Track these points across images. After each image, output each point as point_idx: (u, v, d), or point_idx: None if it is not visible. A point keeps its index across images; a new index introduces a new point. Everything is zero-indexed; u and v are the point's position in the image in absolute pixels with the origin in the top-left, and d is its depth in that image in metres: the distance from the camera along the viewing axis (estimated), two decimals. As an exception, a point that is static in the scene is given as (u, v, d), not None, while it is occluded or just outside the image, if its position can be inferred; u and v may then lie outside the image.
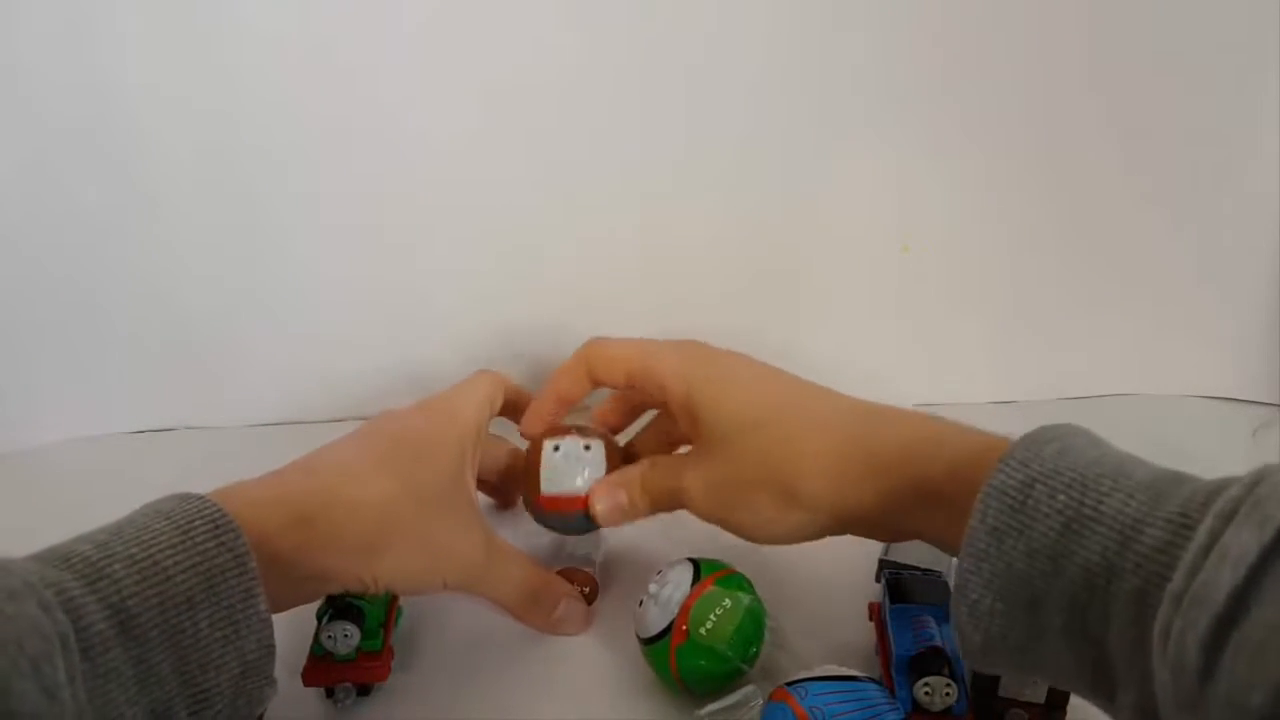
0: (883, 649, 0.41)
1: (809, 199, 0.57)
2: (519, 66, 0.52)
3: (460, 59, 0.52)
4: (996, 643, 0.31)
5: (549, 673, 0.44)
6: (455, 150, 0.54)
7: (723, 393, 0.41)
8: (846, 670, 0.38)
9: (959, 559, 0.31)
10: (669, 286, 0.59)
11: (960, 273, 0.59)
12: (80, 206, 0.54)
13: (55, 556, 0.30)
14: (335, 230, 0.57)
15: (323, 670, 0.41)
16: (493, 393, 0.46)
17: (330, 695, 0.41)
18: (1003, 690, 0.38)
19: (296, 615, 0.38)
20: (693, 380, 0.41)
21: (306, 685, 0.40)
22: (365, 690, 0.42)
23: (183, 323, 0.59)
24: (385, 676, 0.42)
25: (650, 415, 0.49)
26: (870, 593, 0.45)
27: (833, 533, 0.39)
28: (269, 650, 0.33)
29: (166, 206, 0.55)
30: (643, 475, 0.43)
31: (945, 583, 0.42)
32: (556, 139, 0.54)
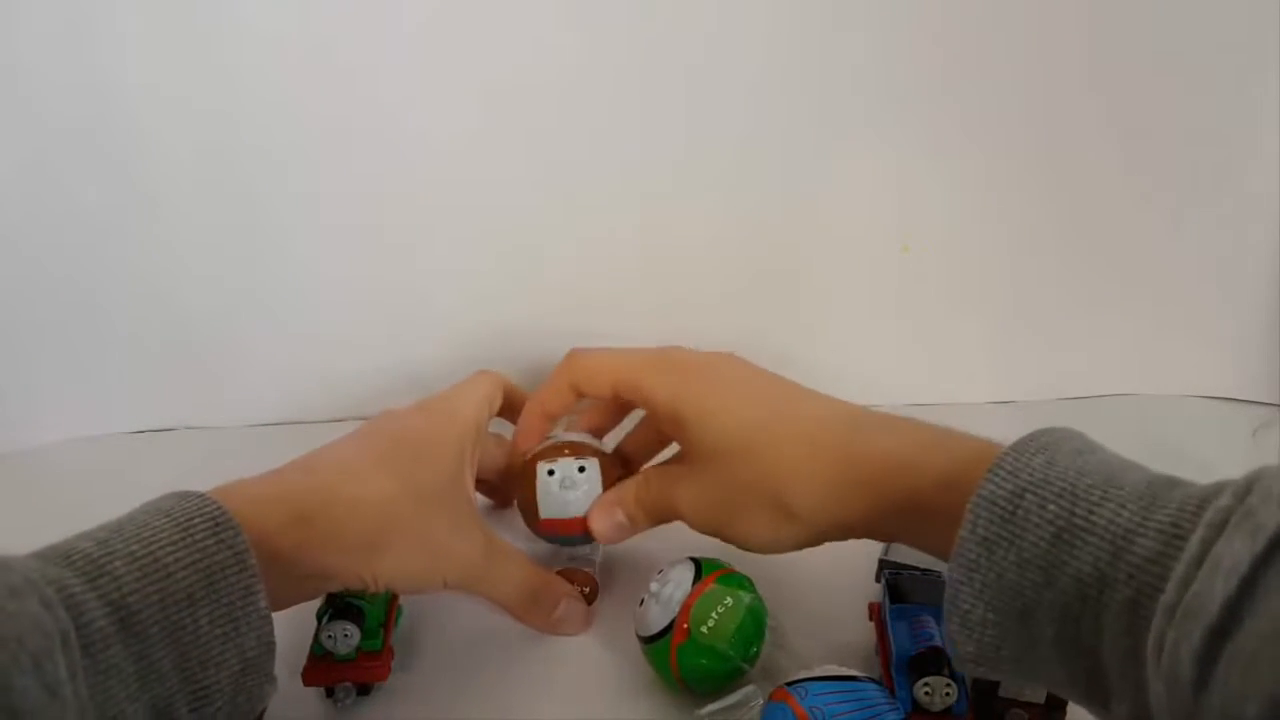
0: (883, 649, 0.41)
1: (809, 199, 0.57)
2: (519, 66, 0.52)
3: (460, 59, 0.52)
4: (989, 653, 0.31)
5: (549, 673, 0.44)
6: (455, 150, 0.55)
7: (709, 410, 0.40)
8: (846, 670, 0.38)
9: (949, 569, 0.31)
10: (669, 287, 0.59)
11: (960, 273, 0.59)
12: (80, 206, 0.54)
13: (56, 554, 0.30)
14: (335, 230, 0.57)
15: (323, 670, 0.41)
16: (492, 393, 0.47)
17: (330, 695, 0.41)
18: (1003, 690, 0.38)
19: (297, 615, 0.38)
20: (678, 397, 0.41)
21: (306, 685, 0.40)
22: (365, 690, 0.42)
23: (183, 323, 0.59)
24: (385, 676, 0.42)
25: (639, 413, 0.49)
26: (870, 593, 0.45)
27: (829, 540, 0.39)
28: (269, 647, 0.33)
29: (166, 206, 0.55)
30: (637, 493, 0.44)
31: (945, 583, 0.42)
32: (556, 139, 0.54)
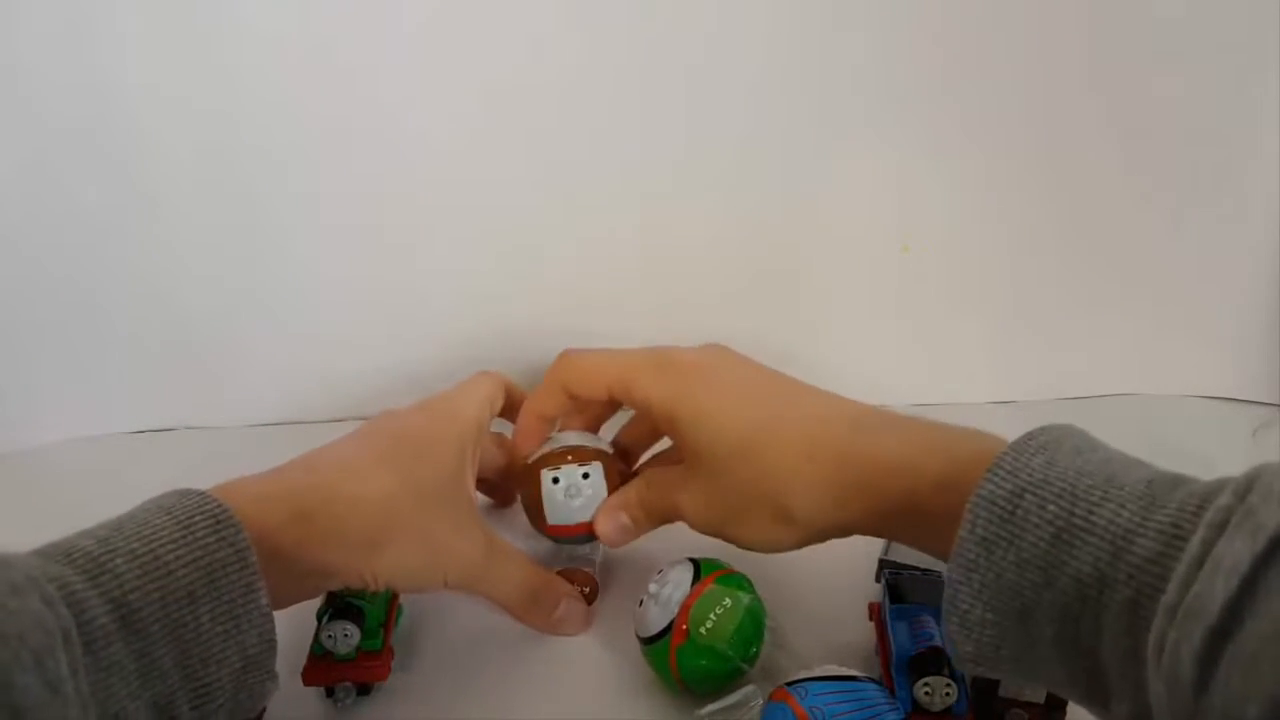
0: (883, 649, 0.41)
1: (809, 199, 0.57)
2: (519, 66, 0.52)
3: (460, 59, 0.52)
4: (988, 652, 0.31)
5: (549, 673, 0.44)
6: (455, 150, 0.55)
7: (705, 412, 0.40)
8: (846, 670, 0.38)
9: (948, 569, 0.31)
10: (669, 287, 0.59)
11: (960, 273, 0.59)
12: (80, 206, 0.54)
13: (57, 551, 0.30)
14: (335, 230, 0.57)
15: (323, 670, 0.41)
16: (494, 393, 0.47)
17: (330, 695, 0.41)
18: (1003, 690, 0.38)
19: (297, 615, 0.38)
20: (673, 399, 0.41)
21: (306, 684, 0.40)
22: (365, 690, 0.42)
23: (183, 323, 0.59)
24: (385, 676, 0.42)
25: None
26: (870, 593, 0.45)
27: (829, 539, 0.39)
28: (270, 644, 0.33)
29: (166, 206, 0.55)
30: (640, 496, 0.44)
31: (945, 582, 0.42)
32: (556, 139, 0.54)
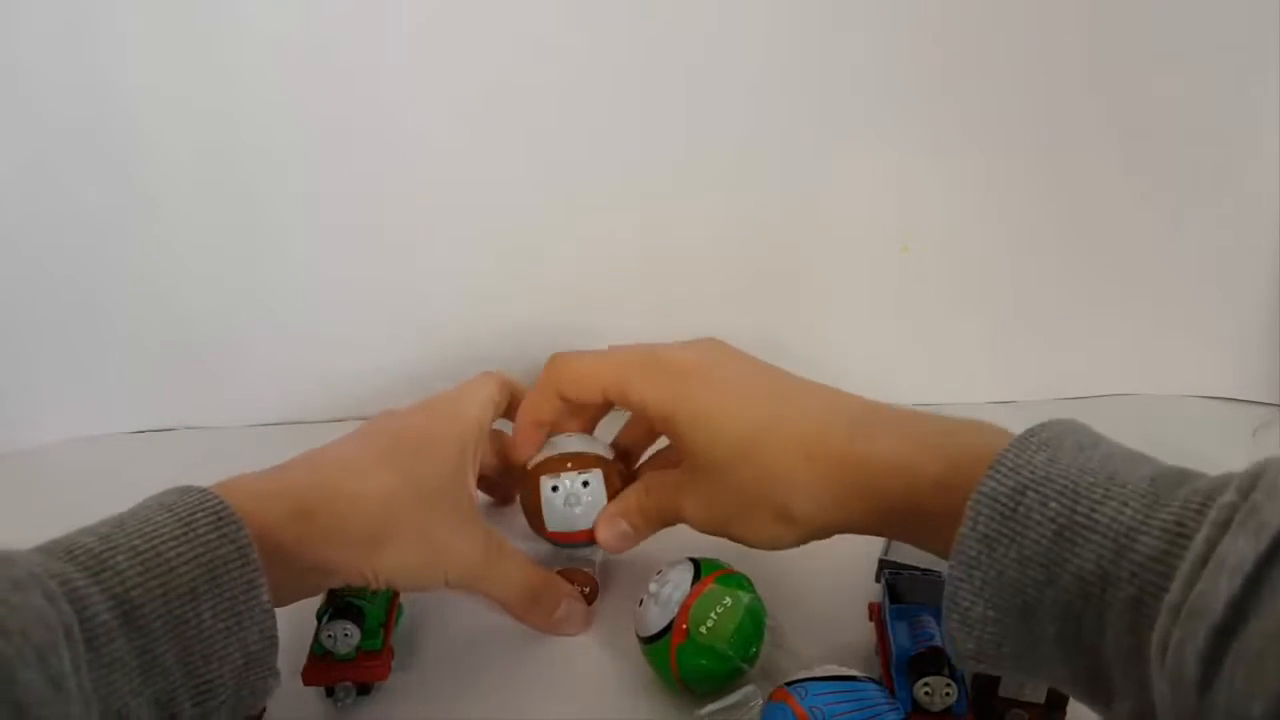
0: (883, 649, 0.41)
1: (809, 199, 0.57)
2: (519, 66, 0.52)
3: (460, 59, 0.52)
4: (989, 650, 0.31)
5: (549, 673, 0.44)
6: (455, 150, 0.55)
7: (703, 414, 0.40)
8: (846, 670, 0.38)
9: (949, 566, 0.31)
10: (669, 286, 0.59)
11: (960, 273, 0.59)
12: (80, 206, 0.54)
13: (59, 548, 0.30)
14: (335, 230, 0.57)
15: (323, 669, 0.41)
16: (496, 393, 0.47)
17: (330, 695, 0.41)
18: (1003, 690, 0.38)
19: (297, 615, 0.38)
20: (669, 402, 0.41)
21: (306, 684, 0.40)
22: (365, 690, 0.42)
23: (183, 323, 0.59)
24: (385, 676, 0.42)
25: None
26: (870, 593, 0.45)
27: (832, 535, 0.39)
28: (272, 641, 0.34)
29: (166, 206, 0.55)
30: (639, 504, 0.44)
31: (945, 581, 0.42)
32: (556, 139, 0.54)
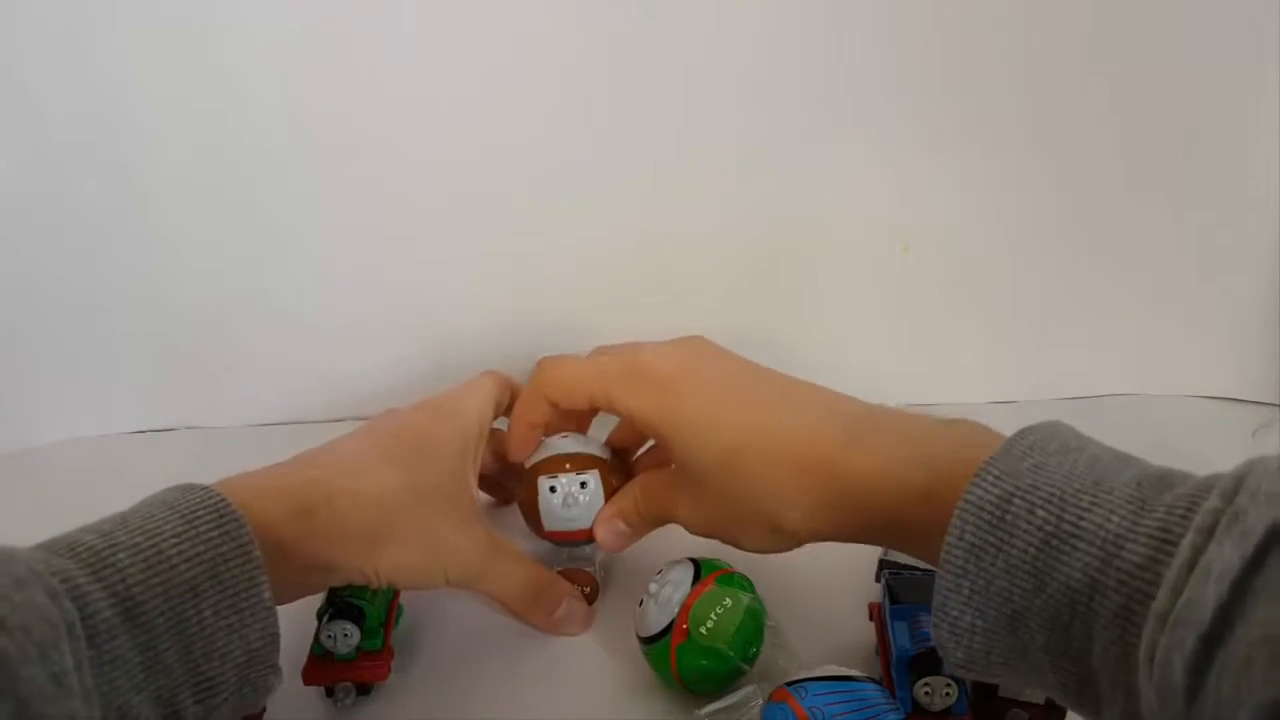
0: (883, 649, 0.41)
1: (809, 199, 0.57)
2: (519, 66, 0.52)
3: (460, 59, 0.52)
4: (979, 658, 0.31)
5: (549, 673, 0.44)
6: (455, 150, 0.54)
7: (688, 426, 0.40)
8: (846, 670, 0.38)
9: (937, 575, 0.31)
10: (668, 286, 0.59)
11: (960, 273, 0.59)
12: (80, 206, 0.54)
13: (61, 546, 0.30)
14: (335, 230, 0.57)
15: (323, 670, 0.41)
16: (497, 392, 0.47)
17: (330, 695, 0.41)
18: (1003, 690, 0.38)
19: (297, 615, 0.38)
20: (656, 412, 0.40)
21: (306, 684, 0.41)
22: (365, 690, 0.42)
23: (183, 323, 0.59)
24: (385, 676, 0.42)
25: None
26: (870, 593, 0.45)
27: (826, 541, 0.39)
28: (273, 638, 0.34)
29: (166, 206, 0.55)
30: (636, 505, 0.44)
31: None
32: (556, 139, 0.54)
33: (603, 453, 0.47)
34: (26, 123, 0.52)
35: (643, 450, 0.49)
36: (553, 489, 0.45)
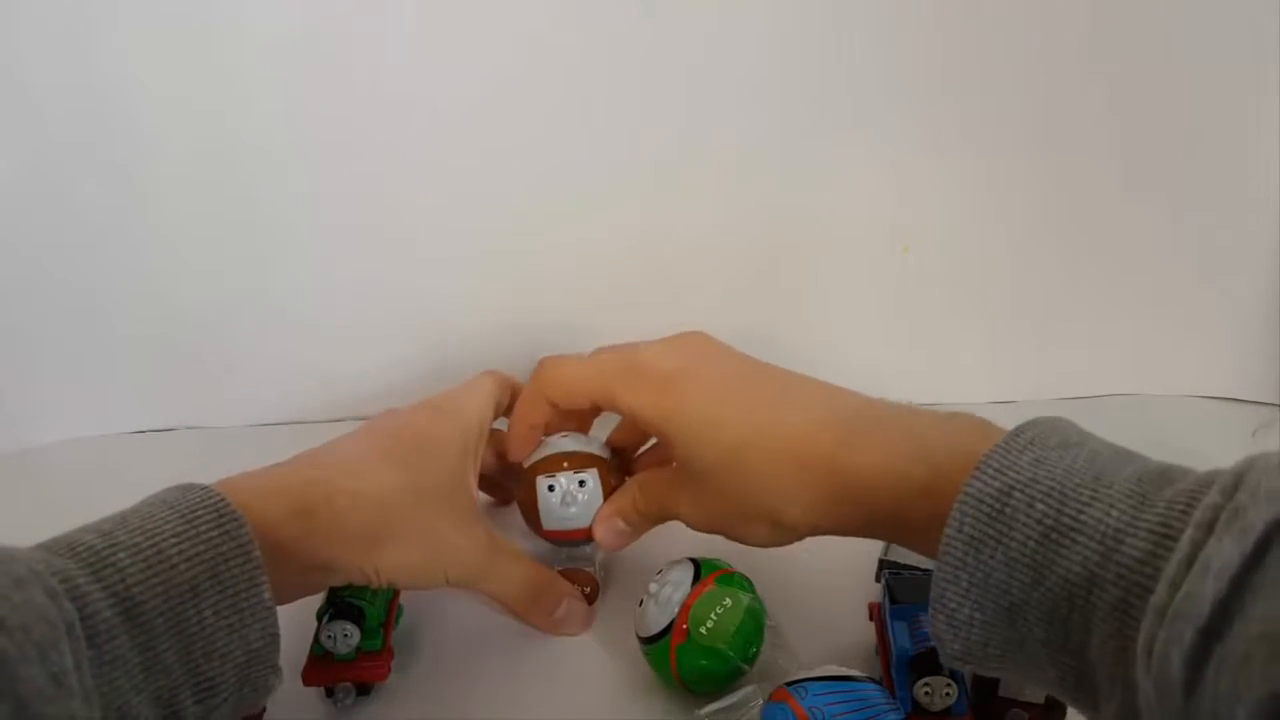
0: (883, 649, 0.41)
1: (809, 199, 0.57)
2: (519, 66, 0.52)
3: (460, 59, 0.52)
4: (976, 651, 0.31)
5: (549, 673, 0.44)
6: (455, 150, 0.55)
7: (689, 424, 0.40)
8: (846, 670, 0.38)
9: (936, 568, 0.31)
10: (669, 286, 0.59)
11: (960, 273, 0.59)
12: (80, 206, 0.54)
13: (60, 545, 0.30)
14: (335, 230, 0.57)
15: (323, 670, 0.41)
16: (497, 392, 0.47)
17: (330, 695, 0.41)
18: (1003, 690, 0.38)
19: (297, 615, 0.38)
20: (656, 410, 0.40)
21: (306, 685, 0.40)
22: (365, 690, 0.42)
23: (183, 323, 0.59)
24: (385, 676, 0.42)
25: None
26: (870, 593, 0.45)
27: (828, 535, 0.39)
28: (273, 638, 0.34)
29: (166, 206, 0.55)
30: (635, 504, 0.44)
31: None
32: (556, 139, 0.54)
33: (602, 451, 0.47)
34: (26, 123, 0.52)
35: (644, 449, 0.49)
36: (551, 488, 0.45)
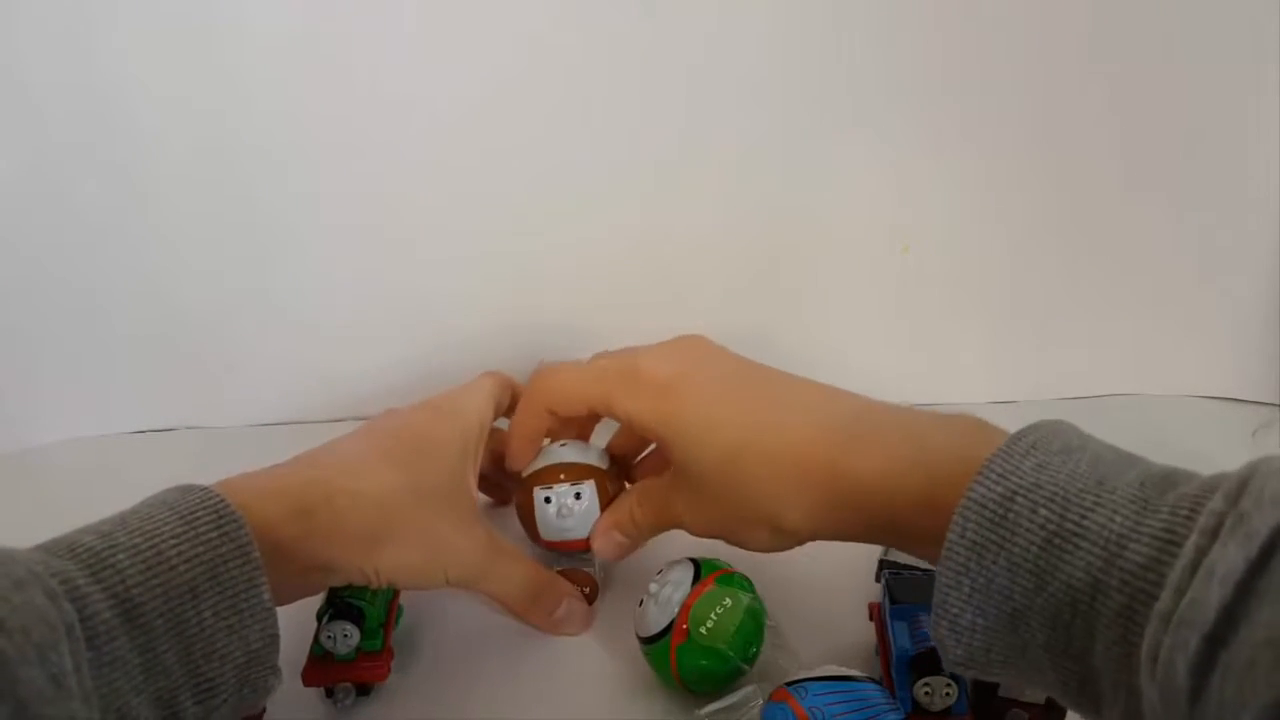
0: (883, 649, 0.41)
1: (809, 199, 0.57)
2: (519, 66, 0.52)
3: (460, 59, 0.52)
4: (979, 656, 0.31)
5: (549, 673, 0.44)
6: (455, 150, 0.55)
7: (686, 430, 0.39)
8: (846, 670, 0.38)
9: (938, 573, 0.30)
10: (669, 286, 0.59)
11: (960, 273, 0.59)
12: (80, 206, 0.54)
13: (60, 547, 0.30)
14: (335, 230, 0.57)
15: (322, 670, 0.41)
16: (497, 393, 0.47)
17: (330, 695, 0.41)
18: (1003, 690, 0.38)
19: (297, 615, 0.38)
20: (654, 417, 0.40)
21: (306, 685, 0.41)
22: (365, 690, 0.42)
23: (183, 323, 0.59)
24: (385, 676, 0.42)
25: None
26: (870, 593, 0.45)
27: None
28: (273, 639, 0.34)
29: (166, 206, 0.55)
30: (633, 515, 0.44)
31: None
32: (556, 139, 0.54)
33: (600, 461, 0.47)
34: (26, 123, 0.52)
35: (644, 454, 0.49)
36: (547, 499, 0.45)
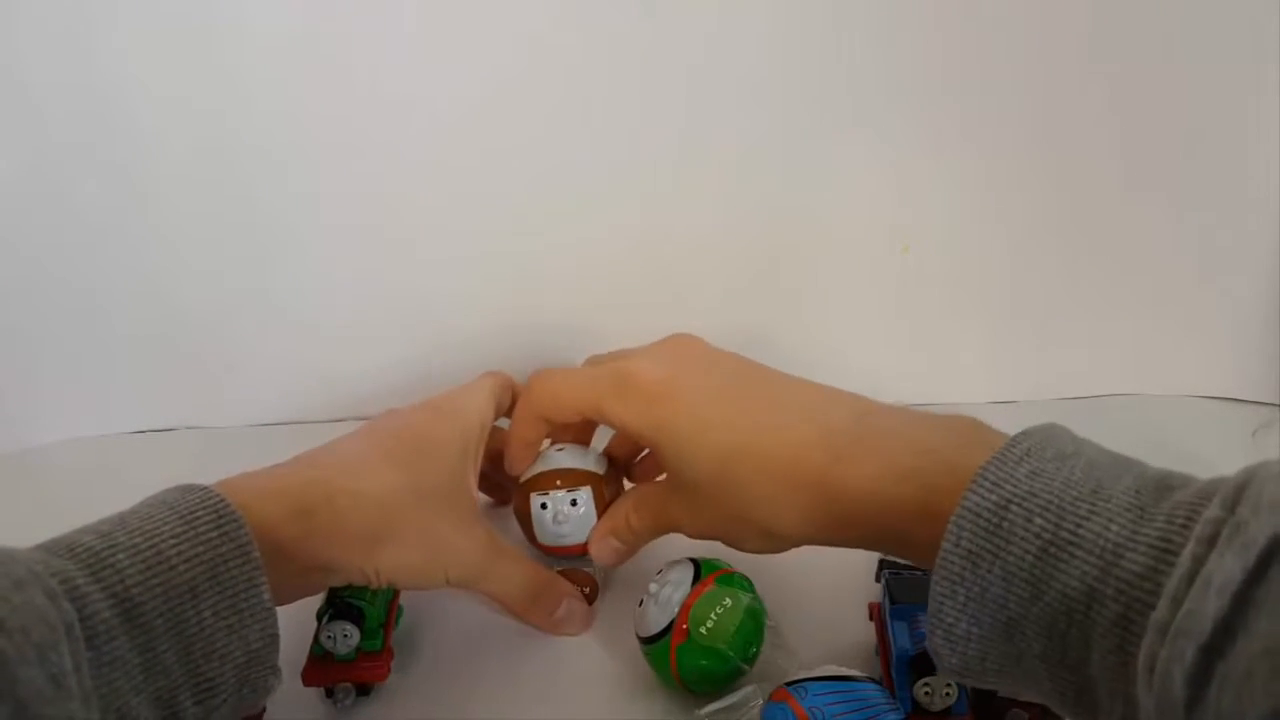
0: (883, 649, 0.41)
1: (809, 199, 0.57)
2: (519, 66, 0.52)
3: (460, 59, 0.52)
4: (974, 665, 0.31)
5: (549, 673, 0.44)
6: (455, 150, 0.54)
7: (679, 438, 0.39)
8: (846, 670, 0.38)
9: (933, 582, 0.30)
10: (669, 287, 0.59)
11: (960, 273, 0.59)
12: (80, 206, 0.54)
13: (60, 547, 0.30)
14: (335, 230, 0.57)
15: (322, 670, 0.41)
16: (497, 393, 0.47)
17: (330, 695, 0.41)
18: (1003, 690, 0.38)
19: (297, 616, 0.38)
20: (646, 424, 0.40)
21: (306, 685, 0.41)
22: (365, 690, 0.42)
23: (183, 322, 0.59)
24: (385, 676, 0.42)
25: None
26: (870, 593, 0.45)
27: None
28: (273, 639, 0.34)
29: (166, 206, 0.55)
30: (629, 521, 0.44)
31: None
32: (556, 139, 0.54)
33: (597, 466, 0.47)
34: (26, 123, 0.52)
35: (642, 455, 0.49)
36: (544, 505, 0.45)
